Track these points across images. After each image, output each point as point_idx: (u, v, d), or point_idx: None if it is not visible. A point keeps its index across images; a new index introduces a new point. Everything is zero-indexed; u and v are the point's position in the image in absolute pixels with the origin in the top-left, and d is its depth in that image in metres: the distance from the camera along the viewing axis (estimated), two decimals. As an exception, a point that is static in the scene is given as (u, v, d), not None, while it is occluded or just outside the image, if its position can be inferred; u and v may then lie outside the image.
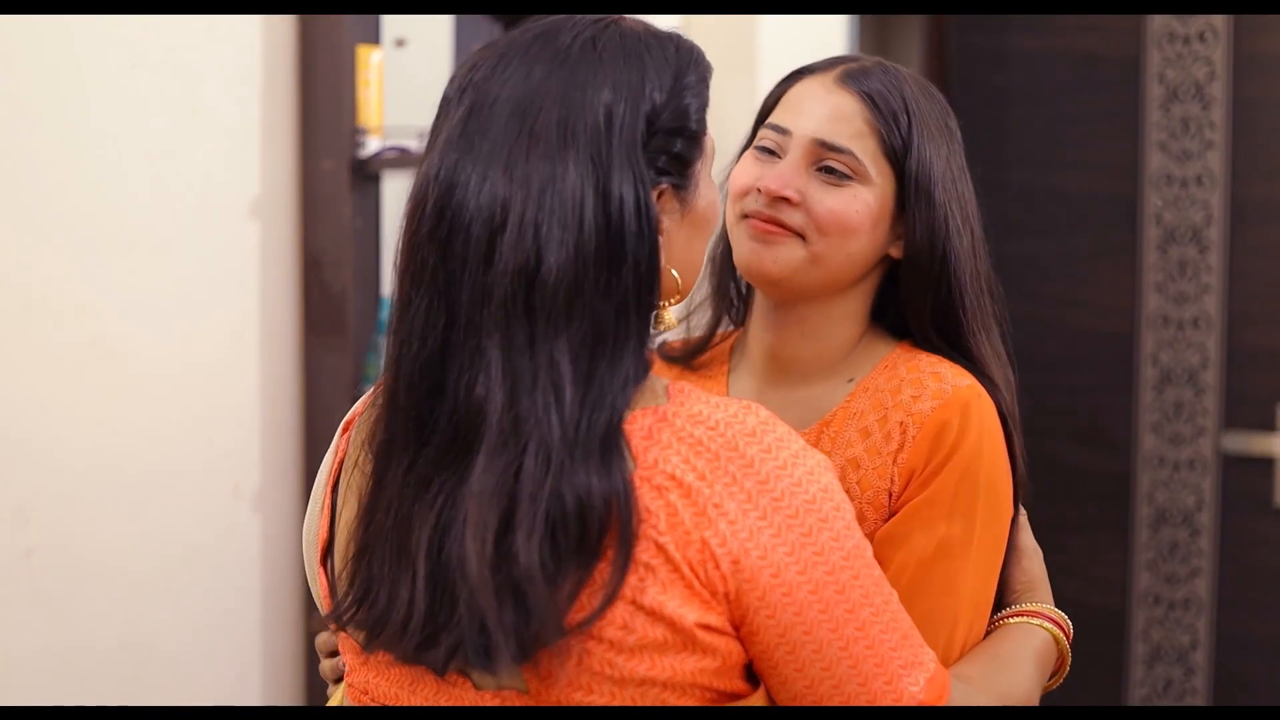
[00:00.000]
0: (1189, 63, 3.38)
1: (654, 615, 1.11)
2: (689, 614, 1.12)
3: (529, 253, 1.11)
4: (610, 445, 1.10)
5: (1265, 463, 3.25)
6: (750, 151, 1.61)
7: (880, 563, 1.42)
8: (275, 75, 2.41)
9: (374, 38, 2.49)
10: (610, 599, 1.09)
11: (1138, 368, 3.40)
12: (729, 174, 1.64)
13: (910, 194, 1.55)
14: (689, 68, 1.22)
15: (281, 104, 2.43)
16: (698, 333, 1.69)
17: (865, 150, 1.54)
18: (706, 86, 1.24)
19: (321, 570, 1.29)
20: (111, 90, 2.21)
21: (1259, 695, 3.31)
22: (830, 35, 3.46)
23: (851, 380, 1.59)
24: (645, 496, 1.11)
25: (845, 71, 1.59)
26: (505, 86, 1.17)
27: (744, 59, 3.27)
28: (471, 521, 1.09)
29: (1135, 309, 3.40)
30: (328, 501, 1.30)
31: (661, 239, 1.17)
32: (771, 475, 1.13)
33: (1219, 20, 3.32)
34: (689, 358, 1.67)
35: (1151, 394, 3.38)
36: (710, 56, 1.25)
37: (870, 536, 1.48)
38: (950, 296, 1.57)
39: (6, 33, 2.05)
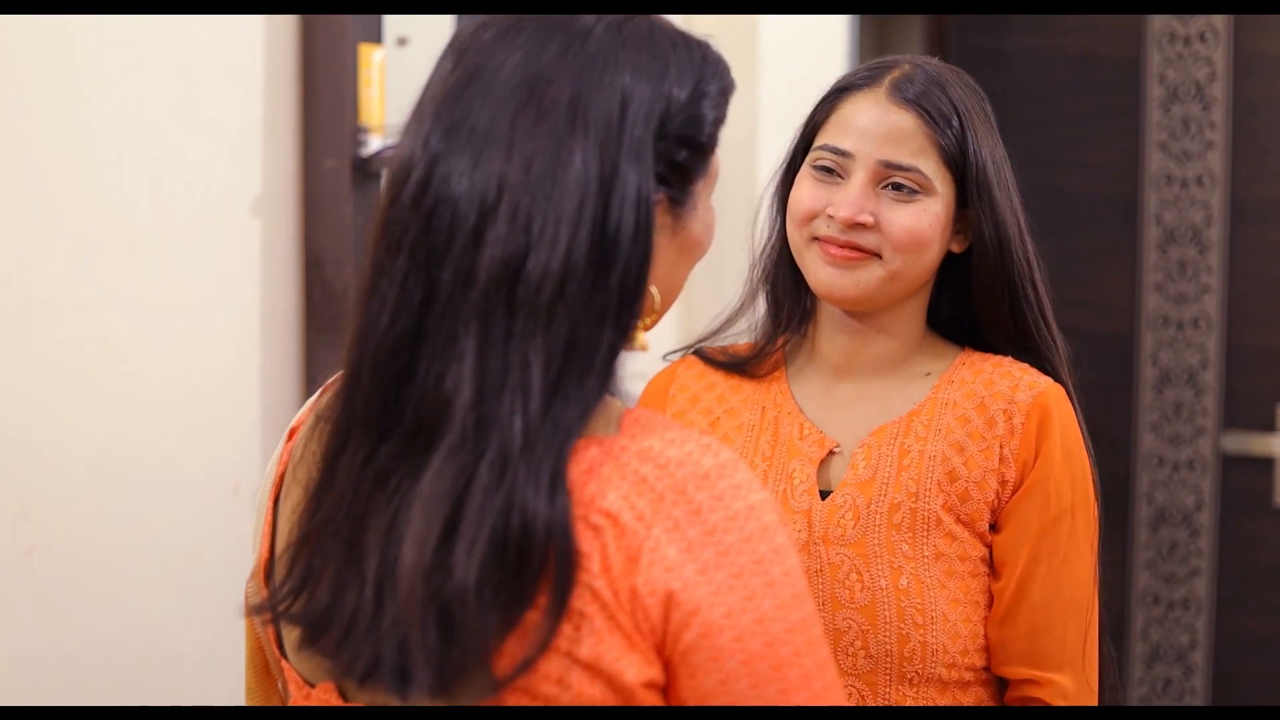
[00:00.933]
0: (1189, 63, 3.38)
1: (591, 670, 1.01)
2: (629, 669, 1.01)
3: (519, 244, 1.01)
4: (559, 474, 1.00)
5: (1265, 463, 3.25)
6: (808, 171, 1.65)
7: (1008, 549, 1.59)
8: (277, 74, 2.41)
9: (376, 37, 2.48)
10: (542, 647, 0.99)
11: (1137, 368, 3.40)
12: (778, 192, 1.71)
13: (972, 194, 1.61)
14: (713, 77, 1.12)
15: (283, 103, 2.43)
16: (745, 340, 1.73)
17: (928, 164, 1.60)
18: (726, 102, 1.14)
19: (264, 587, 1.19)
20: (112, 90, 2.20)
21: (1258, 695, 3.31)
22: (831, 37, 3.45)
23: (929, 374, 1.67)
24: (581, 537, 1.01)
25: (894, 84, 1.62)
26: (514, 53, 1.06)
27: (745, 61, 3.27)
28: (416, 523, 1.00)
29: (1135, 309, 3.40)
30: (269, 516, 1.21)
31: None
32: (719, 526, 1.02)
33: (1219, 21, 3.32)
34: (745, 366, 1.71)
35: (1151, 394, 3.38)
36: None
37: (974, 516, 1.60)
38: (1012, 282, 1.65)
39: (7, 33, 2.05)
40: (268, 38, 2.38)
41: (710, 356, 1.76)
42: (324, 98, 2.42)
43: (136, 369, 2.26)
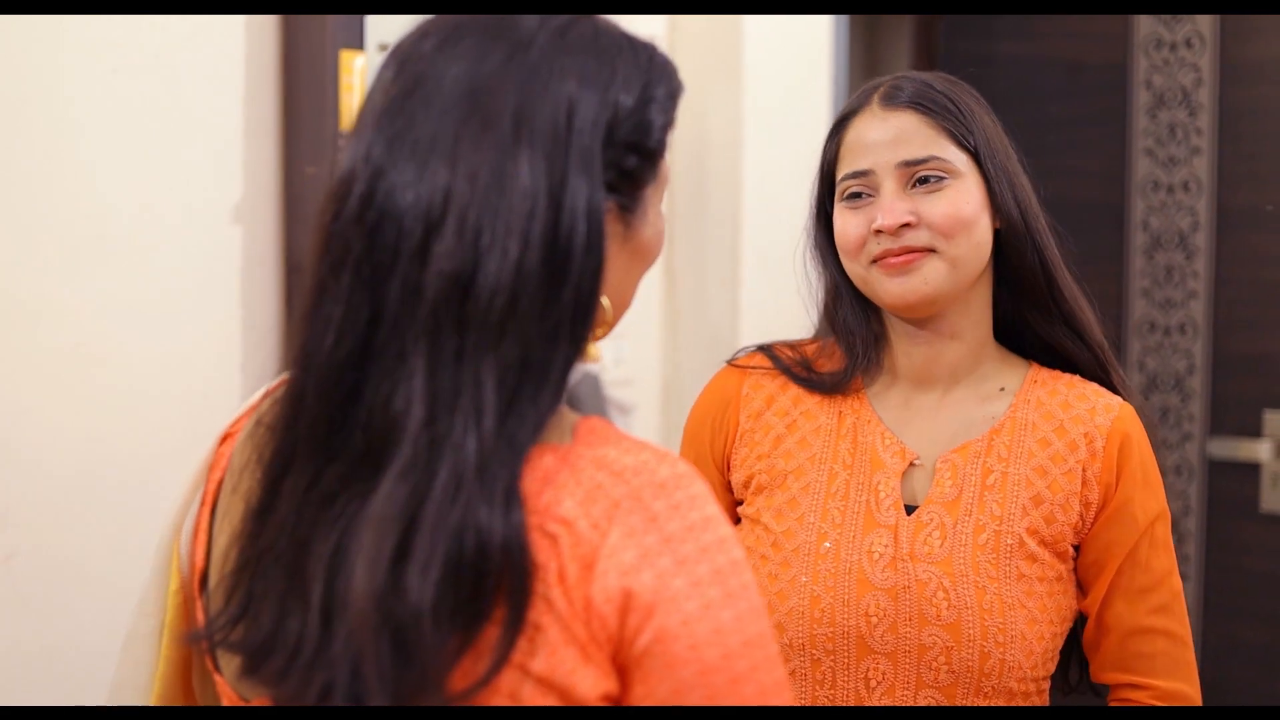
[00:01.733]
0: (1176, 69, 3.38)
1: (545, 684, 0.99)
2: (583, 682, 0.99)
3: (467, 259, 0.99)
4: (514, 488, 0.99)
5: (1251, 468, 3.25)
6: (841, 207, 1.70)
7: (1094, 569, 1.66)
8: (258, 81, 2.41)
9: (357, 43, 2.48)
10: (499, 664, 0.98)
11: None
12: (815, 243, 1.78)
13: (988, 169, 1.69)
14: (660, 81, 1.10)
15: (264, 109, 2.42)
16: (832, 364, 1.77)
17: (944, 150, 1.67)
18: (675, 106, 1.11)
19: (198, 601, 1.16)
20: (92, 97, 2.20)
21: (1245, 701, 3.31)
22: (817, 41, 3.46)
23: (1004, 389, 1.74)
24: (536, 547, 0.99)
25: (883, 96, 1.70)
26: (456, 64, 1.03)
27: (729, 66, 3.27)
28: (366, 547, 0.97)
29: (1122, 315, 3.40)
30: (205, 524, 1.18)
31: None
32: (676, 535, 1.00)
33: (1206, 27, 3.32)
34: (831, 388, 1.74)
35: (1138, 400, 3.37)
36: (695, 63, 1.22)
37: (1058, 538, 1.66)
38: (1042, 254, 1.73)
39: (-13, 38, 2.05)
40: (248, 44, 2.38)
41: (784, 362, 1.79)
42: (305, 104, 2.42)
43: (117, 376, 2.25)
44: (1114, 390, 1.76)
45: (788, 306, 3.41)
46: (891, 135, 1.67)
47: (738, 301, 3.29)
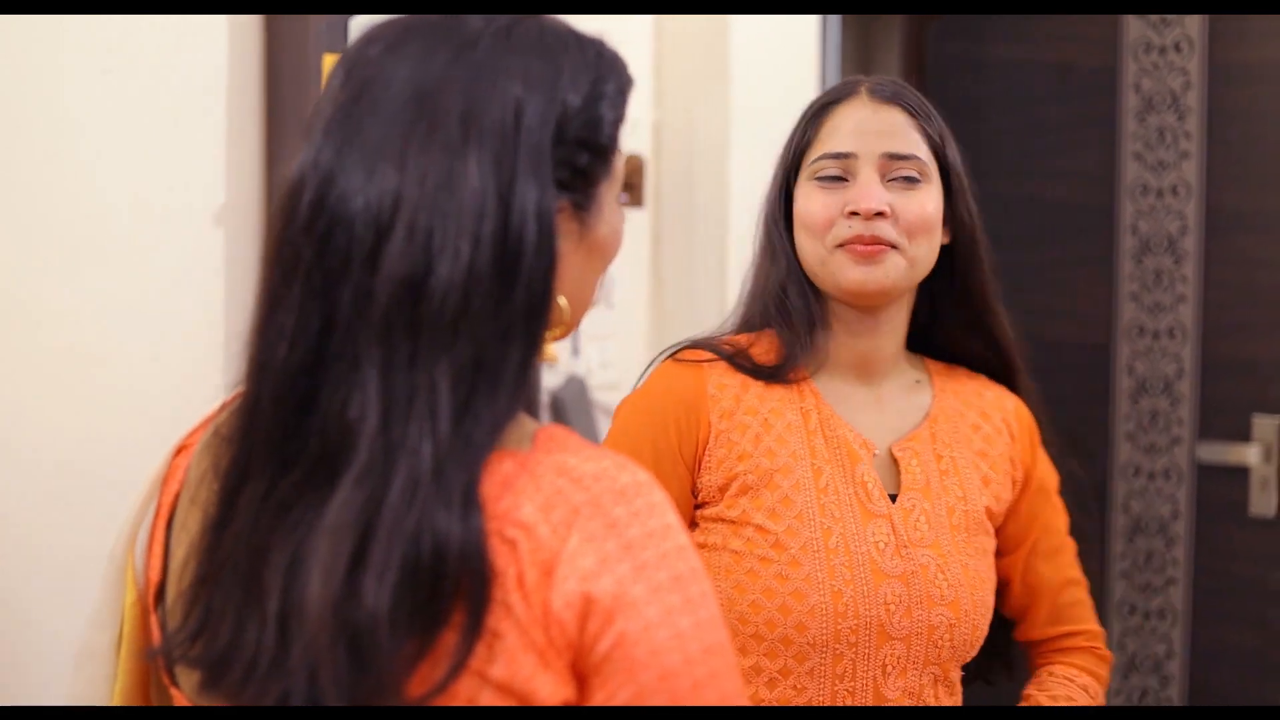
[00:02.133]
0: (1165, 73, 3.38)
1: (503, 690, 0.99)
2: (541, 688, 0.99)
3: (418, 261, 0.99)
4: (472, 492, 0.98)
5: (1240, 472, 3.25)
6: (812, 184, 1.72)
7: (1015, 539, 1.83)
8: (241, 85, 2.40)
9: (341, 46, 2.48)
10: (456, 670, 0.97)
11: (1113, 377, 3.39)
12: (773, 217, 1.80)
13: (953, 183, 1.75)
14: (609, 76, 1.10)
15: (247, 112, 2.42)
16: (769, 357, 1.76)
17: (923, 152, 1.72)
18: (625, 100, 1.11)
19: (153, 614, 1.15)
20: (81, 101, 2.20)
21: (1234, 705, 3.31)
22: (805, 44, 3.46)
23: (919, 381, 1.83)
24: (495, 553, 0.99)
25: (871, 89, 1.74)
26: (402, 67, 1.03)
27: (717, 70, 3.27)
28: (322, 555, 0.97)
29: (1111, 319, 3.39)
30: (160, 536, 1.16)
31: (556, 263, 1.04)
32: (637, 541, 1.00)
33: (1194, 31, 3.32)
34: (775, 375, 1.74)
35: (1127, 404, 3.38)
36: (682, 67, 1.22)
37: (998, 514, 1.80)
38: (984, 270, 1.81)
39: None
40: (232, 48, 2.38)
41: (729, 356, 1.77)
42: (288, 108, 2.42)
43: (104, 377, 2.26)
44: (1016, 391, 1.88)
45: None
46: (879, 125, 1.70)
47: (725, 304, 3.28)
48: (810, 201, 1.71)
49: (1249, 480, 3.28)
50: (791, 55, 3.42)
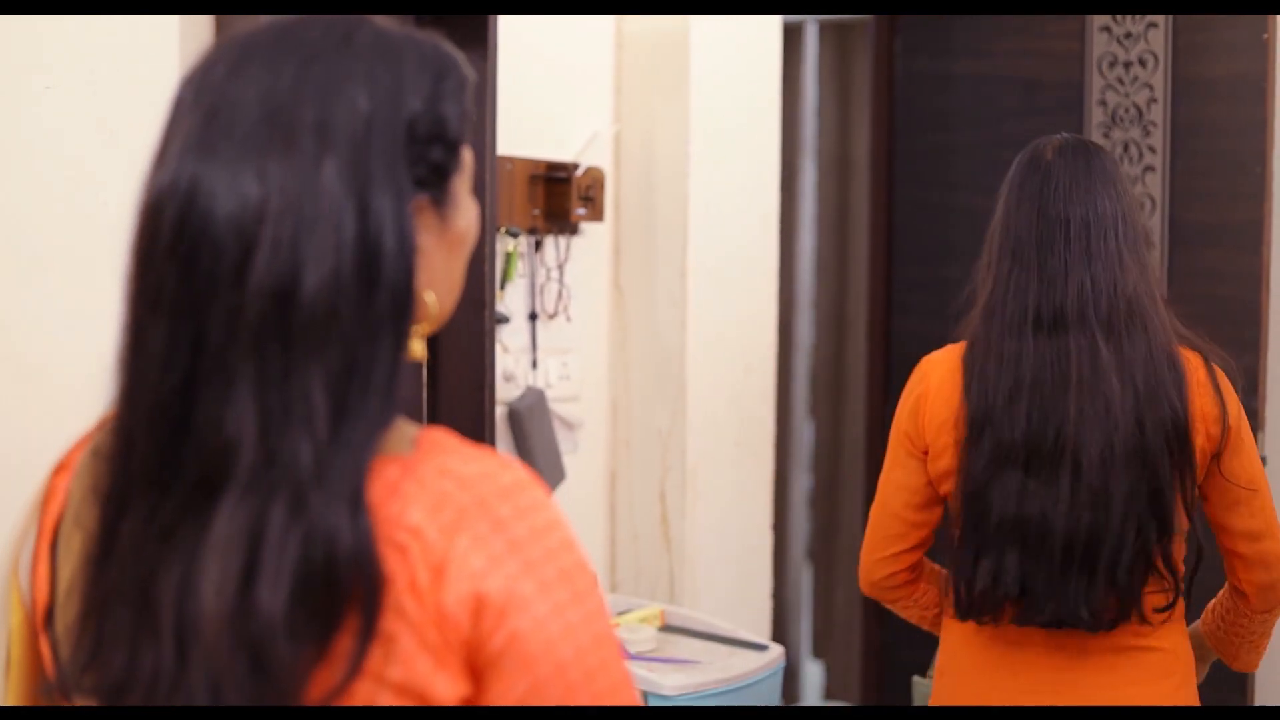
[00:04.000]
0: (1130, 88, 3.40)
1: (401, 691, 1.02)
2: (439, 687, 1.02)
3: (285, 272, 1.00)
4: (358, 495, 1.00)
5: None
6: None
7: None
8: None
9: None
10: (352, 673, 0.99)
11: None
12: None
13: None
14: (448, 72, 1.12)
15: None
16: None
17: None
18: (465, 94, 1.13)
19: (43, 635, 1.15)
20: (27, 112, 2.20)
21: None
22: (765, 59, 3.47)
23: None
24: (386, 558, 1.01)
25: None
26: (251, 87, 1.05)
27: (676, 86, 3.28)
28: (212, 569, 0.99)
29: (1076, 332, 3.39)
30: (45, 556, 1.16)
31: (419, 259, 1.07)
32: (523, 539, 1.03)
33: (1159, 46, 3.34)
34: None
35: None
36: (641, 81, 1.22)
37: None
38: None
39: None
40: (181, 60, 2.38)
41: None
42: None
43: (47, 389, 2.25)
44: None
45: (735, 323, 3.42)
46: None
47: (685, 318, 3.29)
48: None
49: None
50: (751, 66, 3.43)
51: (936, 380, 2.17)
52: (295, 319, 1.00)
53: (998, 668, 2.13)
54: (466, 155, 1.15)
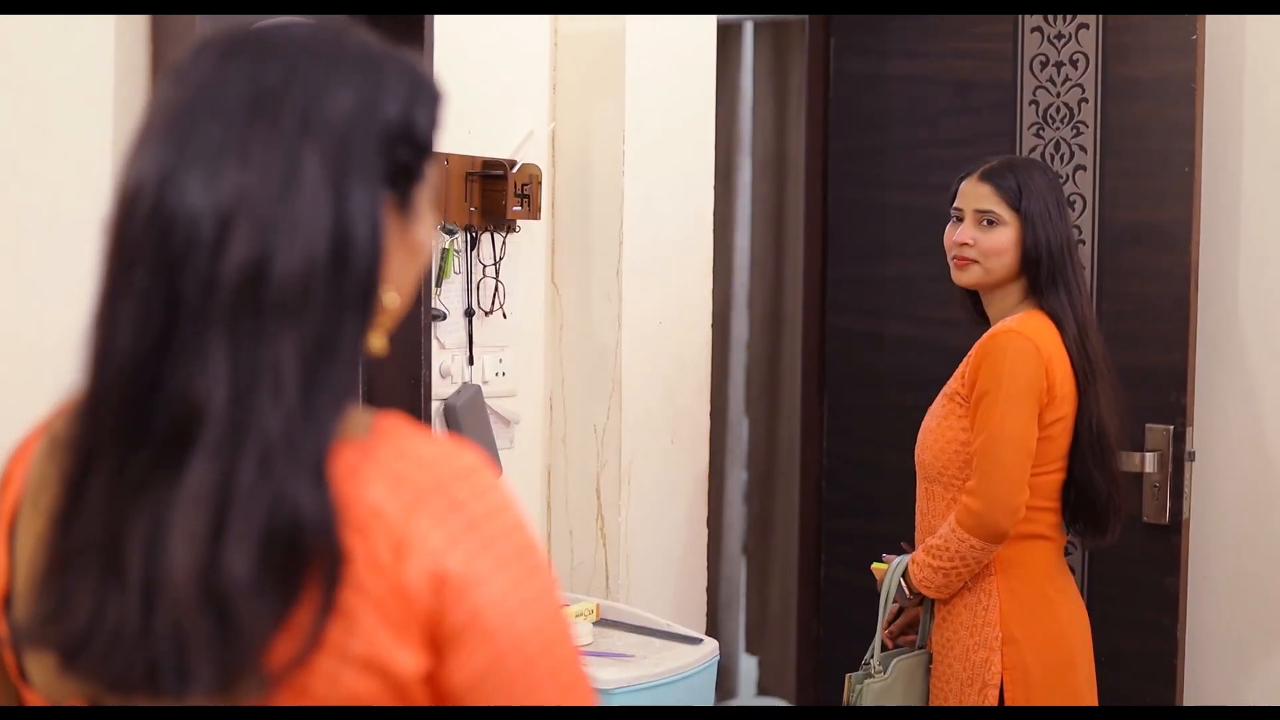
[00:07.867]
0: (1061, 88, 3.44)
1: (363, 665, 1.06)
2: (401, 661, 1.06)
3: (261, 248, 1.05)
4: (320, 465, 1.05)
5: (1133, 479, 3.29)
6: (951, 223, 2.87)
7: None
8: (127, 96, 2.40)
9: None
10: (312, 644, 1.03)
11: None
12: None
13: (1025, 225, 2.78)
14: (424, 84, 1.18)
15: (133, 123, 2.41)
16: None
17: (999, 205, 2.79)
18: (438, 108, 1.19)
19: (2, 620, 1.16)
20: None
21: (1134, 706, 3.35)
22: (700, 58, 3.49)
23: None
24: (346, 536, 1.05)
25: (983, 172, 2.83)
26: (239, 74, 1.10)
27: (612, 85, 3.29)
28: (181, 525, 1.02)
29: (1007, 329, 3.43)
30: (3, 544, 1.17)
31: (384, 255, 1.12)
32: (480, 518, 1.09)
33: (1090, 47, 3.38)
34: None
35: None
36: (578, 78, 1.25)
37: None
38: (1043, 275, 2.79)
39: None
40: (118, 60, 2.37)
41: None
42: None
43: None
44: None
45: (670, 319, 3.43)
46: (976, 194, 2.83)
47: (620, 314, 3.30)
48: (948, 230, 2.87)
49: (1142, 487, 3.33)
50: (687, 65, 3.45)
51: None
52: (268, 294, 1.05)
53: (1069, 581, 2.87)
54: (432, 170, 1.19)
